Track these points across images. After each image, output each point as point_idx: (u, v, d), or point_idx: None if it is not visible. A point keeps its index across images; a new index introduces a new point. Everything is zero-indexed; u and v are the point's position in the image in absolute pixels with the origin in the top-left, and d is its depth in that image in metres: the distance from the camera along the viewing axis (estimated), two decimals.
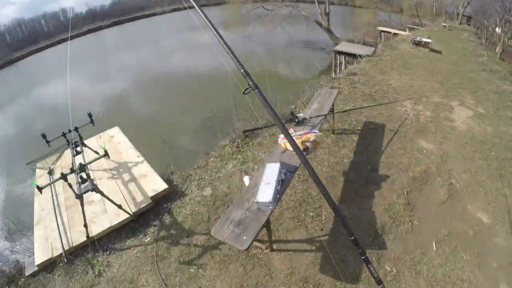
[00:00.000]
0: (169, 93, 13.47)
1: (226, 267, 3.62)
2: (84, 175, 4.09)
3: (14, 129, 16.85)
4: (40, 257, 4.44)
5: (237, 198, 3.35)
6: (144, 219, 4.58)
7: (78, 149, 5.07)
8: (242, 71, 2.57)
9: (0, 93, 26.71)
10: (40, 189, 3.95)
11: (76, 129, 5.30)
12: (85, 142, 5.56)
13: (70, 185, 4.00)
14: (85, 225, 4.21)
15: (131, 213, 4.45)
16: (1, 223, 6.85)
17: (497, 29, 19.32)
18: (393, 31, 17.79)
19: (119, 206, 4.31)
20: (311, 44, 19.55)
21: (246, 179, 4.64)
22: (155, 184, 4.89)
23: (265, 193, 3.04)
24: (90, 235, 4.32)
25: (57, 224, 4.73)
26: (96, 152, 5.63)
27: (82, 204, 4.11)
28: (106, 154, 4.29)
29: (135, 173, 5.27)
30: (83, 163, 4.31)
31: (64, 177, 3.98)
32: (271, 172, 3.28)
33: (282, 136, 3.85)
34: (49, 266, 4.42)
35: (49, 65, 29.83)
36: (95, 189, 4.02)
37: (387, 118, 6.13)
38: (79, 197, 3.99)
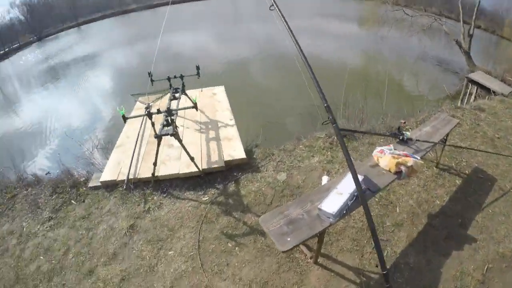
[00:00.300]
0: (288, 72, 13.41)
1: (262, 257, 3.46)
2: (169, 119, 4.21)
3: (137, 62, 18.50)
4: (106, 175, 4.86)
5: (303, 195, 3.09)
6: (210, 178, 4.63)
7: (176, 95, 5.34)
8: (325, 105, 2.58)
9: (136, 31, 29.59)
10: (124, 119, 4.15)
11: (181, 76, 5.66)
12: (187, 92, 5.81)
13: (153, 124, 4.13)
14: (154, 164, 4.37)
15: (200, 169, 4.53)
16: (95, 138, 7.53)
17: None
18: None
19: (192, 158, 4.38)
20: (444, 63, 17.75)
21: (325, 179, 4.34)
22: (234, 151, 4.89)
23: (332, 203, 2.71)
24: (156, 174, 4.51)
25: (133, 154, 5.06)
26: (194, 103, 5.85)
27: (158, 144, 4.26)
28: (194, 107, 4.35)
29: (221, 134, 5.35)
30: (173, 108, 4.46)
31: (149, 115, 4.12)
32: (350, 183, 2.84)
33: (378, 149, 3.43)
34: (110, 186, 4.81)
35: (184, 16, 31.95)
36: (174, 135, 4.13)
37: (501, 173, 5.17)
38: (158, 137, 4.15)
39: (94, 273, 3.79)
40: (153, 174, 4.45)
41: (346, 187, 2.86)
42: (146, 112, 4.11)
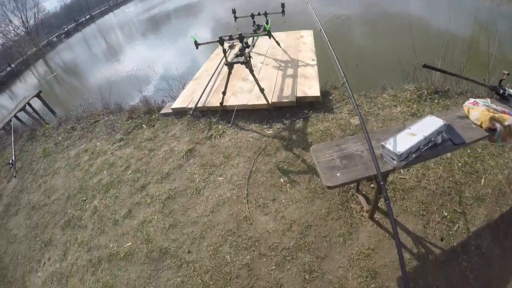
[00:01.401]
0: (392, 31, 12.54)
1: (312, 198, 3.28)
2: (242, 46, 4.24)
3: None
4: (178, 103, 5.18)
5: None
6: (279, 113, 4.61)
7: (258, 31, 5.47)
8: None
9: None
10: (197, 45, 4.21)
11: (265, 14, 5.75)
12: (273, 34, 5.87)
13: (224, 51, 4.20)
14: (223, 93, 4.48)
15: (269, 102, 4.47)
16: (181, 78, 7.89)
17: None
18: None
19: (262, 90, 4.33)
20: None
21: None
22: (309, 88, 4.72)
23: (401, 142, 2.33)
24: (224, 104, 4.65)
25: (206, 85, 5.23)
26: (278, 43, 6.05)
27: (229, 73, 4.34)
28: (268, 34, 4.27)
29: (299, 72, 5.23)
30: (252, 40, 4.51)
31: (220, 41, 4.16)
32: (427, 125, 2.48)
33: (472, 100, 2.92)
34: (180, 113, 5.14)
35: None
36: (245, 63, 4.13)
37: None
38: (229, 65, 4.23)
39: (145, 189, 4.12)
40: (221, 103, 4.57)
41: (422, 129, 2.45)
42: (218, 38, 4.15)
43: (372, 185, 3.27)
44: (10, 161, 6.20)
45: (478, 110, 2.75)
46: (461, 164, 3.47)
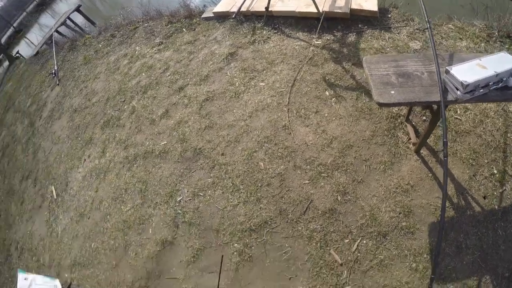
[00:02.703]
0: None
1: (358, 118, 3.06)
2: None
3: None
4: (220, 7, 4.86)
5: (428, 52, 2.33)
6: (330, 24, 4.14)
7: None
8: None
9: None
10: None
11: None
12: None
13: None
14: None
15: (320, 11, 3.97)
16: None
17: None
18: None
19: None
20: None
21: None
22: (366, 1, 4.17)
23: (469, 72, 1.99)
24: (270, 9, 4.26)
25: None
26: None
27: None
28: None
29: None
30: None
31: None
32: (500, 61, 2.06)
33: None
34: (222, 17, 4.83)
35: None
36: None
37: None
38: None
39: (183, 90, 4.06)
40: (266, 8, 4.18)
41: (494, 64, 2.05)
42: None
43: (424, 118, 2.96)
44: (53, 71, 6.66)
45: None
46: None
